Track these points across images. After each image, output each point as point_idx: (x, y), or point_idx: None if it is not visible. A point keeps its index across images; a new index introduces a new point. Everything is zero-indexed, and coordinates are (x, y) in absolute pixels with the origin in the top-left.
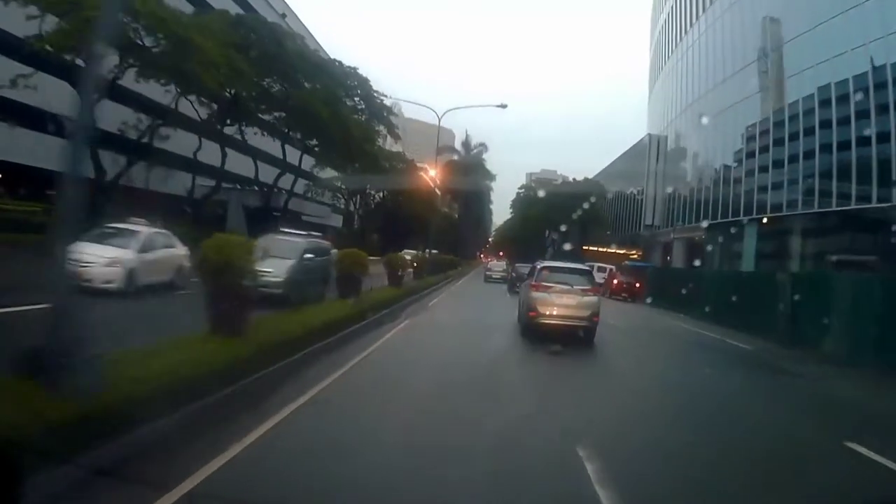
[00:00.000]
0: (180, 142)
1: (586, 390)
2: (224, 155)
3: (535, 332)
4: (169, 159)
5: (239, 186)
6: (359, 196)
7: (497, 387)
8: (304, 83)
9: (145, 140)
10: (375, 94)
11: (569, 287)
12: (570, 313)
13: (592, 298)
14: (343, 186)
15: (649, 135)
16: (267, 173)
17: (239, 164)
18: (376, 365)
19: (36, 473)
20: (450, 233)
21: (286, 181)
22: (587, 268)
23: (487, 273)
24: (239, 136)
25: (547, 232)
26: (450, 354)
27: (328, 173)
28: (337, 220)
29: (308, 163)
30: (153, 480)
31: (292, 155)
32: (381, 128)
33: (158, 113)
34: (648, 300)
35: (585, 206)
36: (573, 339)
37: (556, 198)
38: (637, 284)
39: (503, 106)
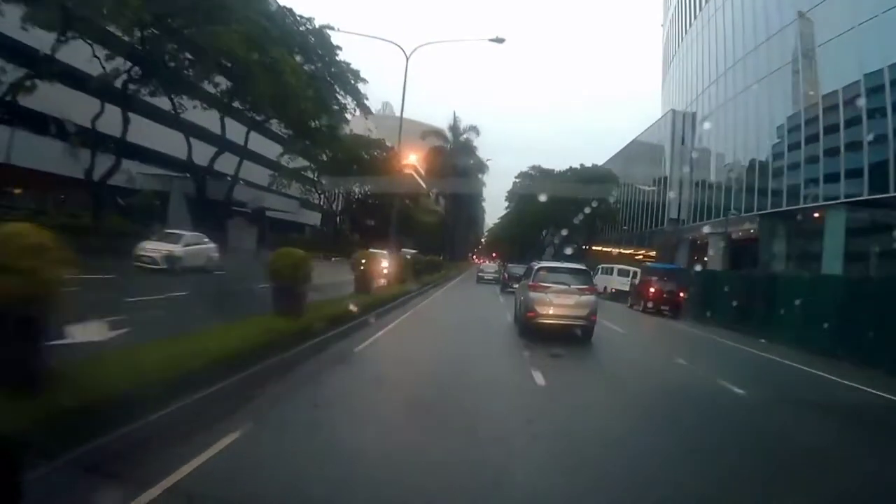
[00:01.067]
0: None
1: None
2: (126, 121)
3: (533, 332)
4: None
5: (189, 175)
6: (339, 192)
7: None
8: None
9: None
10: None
11: (566, 287)
12: (568, 313)
13: (590, 297)
14: (317, 178)
15: (672, 111)
16: (226, 162)
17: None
18: None
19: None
20: (436, 233)
21: (254, 172)
22: (584, 267)
23: (480, 274)
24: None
25: (544, 232)
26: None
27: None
28: (314, 218)
29: (274, 150)
30: None
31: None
32: (348, 100)
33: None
34: (706, 314)
35: (592, 197)
36: None
37: (560, 187)
38: (681, 293)
39: (499, 40)
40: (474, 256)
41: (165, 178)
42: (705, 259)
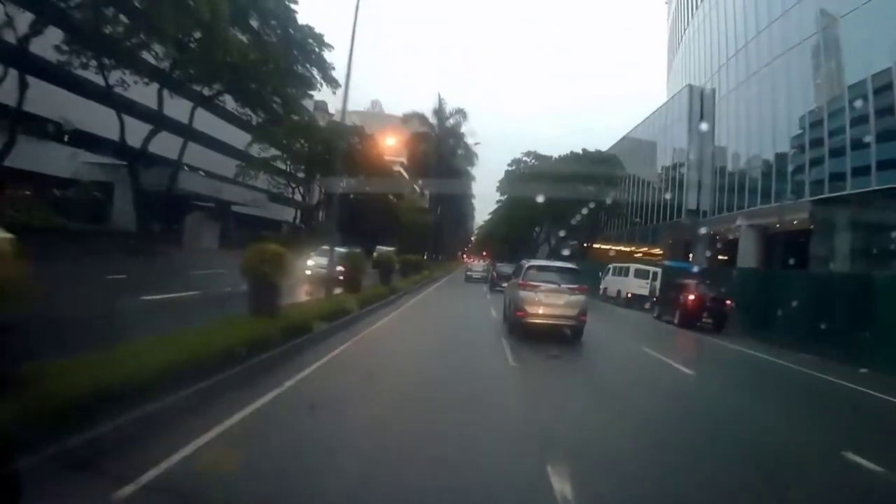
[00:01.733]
0: None
1: None
2: (24, 86)
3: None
4: None
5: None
6: (319, 186)
7: None
8: None
9: None
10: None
11: (556, 286)
12: (557, 312)
13: (580, 297)
14: (290, 170)
15: (689, 86)
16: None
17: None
18: None
19: None
20: (423, 231)
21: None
22: (574, 266)
23: (469, 273)
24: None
25: (538, 229)
26: None
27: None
28: (290, 214)
29: (242, 140)
30: None
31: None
32: (314, 72)
33: None
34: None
35: (596, 187)
36: None
37: (558, 176)
38: (727, 301)
39: None
40: (464, 256)
41: (111, 167)
42: (720, 256)
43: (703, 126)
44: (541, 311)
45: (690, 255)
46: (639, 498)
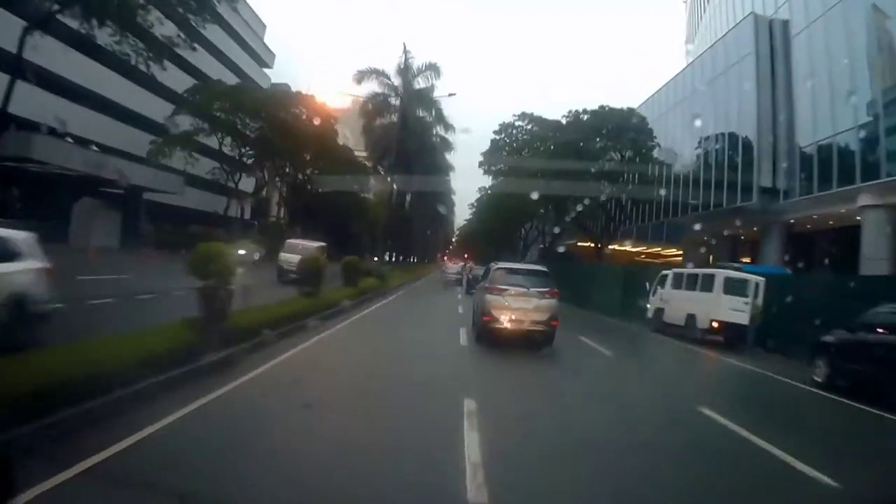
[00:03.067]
0: None
1: None
2: None
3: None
4: None
5: None
6: (275, 174)
7: None
8: None
9: None
10: None
11: (525, 289)
12: (526, 317)
13: (551, 301)
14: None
15: (754, 16)
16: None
17: None
18: None
19: None
20: (396, 230)
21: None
22: (544, 269)
23: (443, 276)
24: None
25: (527, 227)
26: None
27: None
28: (216, 204)
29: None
30: None
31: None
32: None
33: None
34: None
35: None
36: None
37: (563, 146)
38: None
39: None
40: (445, 258)
41: None
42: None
43: (777, 70)
44: (509, 317)
45: (744, 259)
46: None
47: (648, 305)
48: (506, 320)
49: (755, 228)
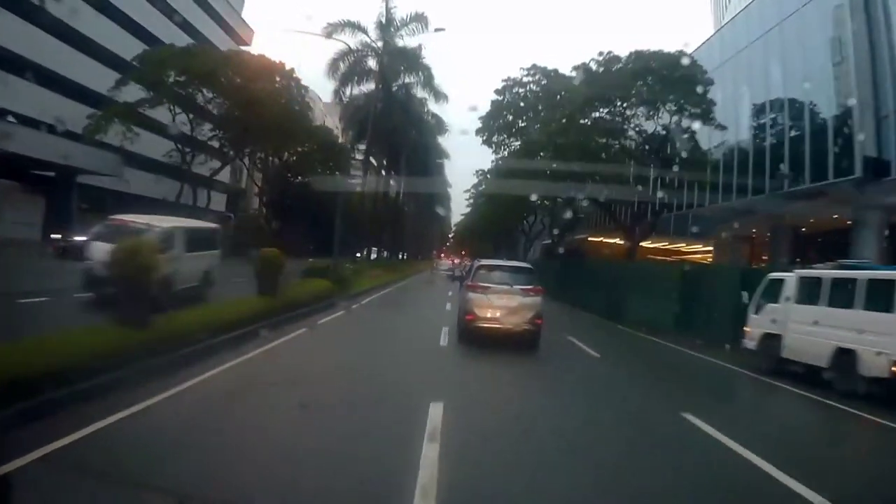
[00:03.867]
0: None
1: None
2: None
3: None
4: None
5: None
6: (244, 156)
7: None
8: None
9: None
10: None
11: (508, 287)
12: (509, 316)
13: (535, 299)
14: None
15: None
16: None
17: None
18: None
19: None
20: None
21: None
22: (529, 266)
23: (435, 271)
24: None
25: (531, 218)
26: None
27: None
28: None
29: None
30: None
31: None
32: None
33: None
34: None
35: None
36: None
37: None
38: None
39: None
40: (442, 255)
41: None
42: None
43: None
44: (491, 315)
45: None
46: None
47: (748, 329)
48: (488, 319)
49: (835, 216)
